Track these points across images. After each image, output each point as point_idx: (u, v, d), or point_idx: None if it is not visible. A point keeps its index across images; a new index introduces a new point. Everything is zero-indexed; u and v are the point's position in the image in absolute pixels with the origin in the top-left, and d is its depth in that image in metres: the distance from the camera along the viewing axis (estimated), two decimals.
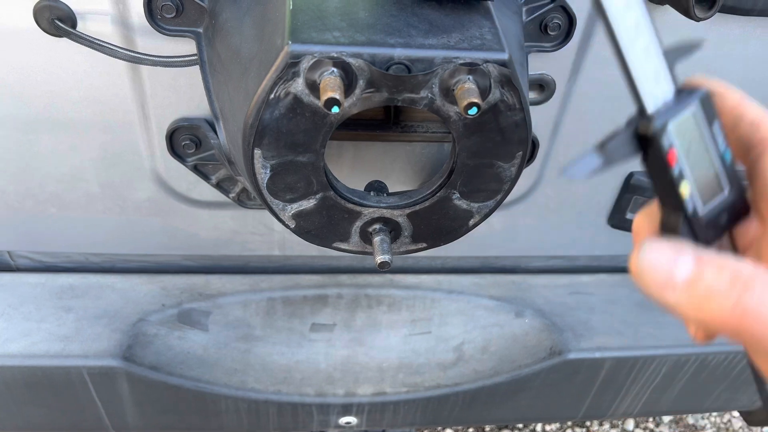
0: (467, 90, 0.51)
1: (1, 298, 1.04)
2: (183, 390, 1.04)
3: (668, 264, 0.35)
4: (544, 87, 0.87)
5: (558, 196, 1.05)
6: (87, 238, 1.04)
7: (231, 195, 0.94)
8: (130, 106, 0.85)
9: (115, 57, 0.76)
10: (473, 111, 0.50)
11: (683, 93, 0.39)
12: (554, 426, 2.16)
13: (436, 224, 0.65)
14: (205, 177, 0.91)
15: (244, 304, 1.09)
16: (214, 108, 0.71)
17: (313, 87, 0.52)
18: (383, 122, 0.84)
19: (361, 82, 0.52)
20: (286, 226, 0.63)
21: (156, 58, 0.76)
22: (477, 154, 0.58)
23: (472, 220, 0.65)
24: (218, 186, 0.93)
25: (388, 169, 0.95)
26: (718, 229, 0.41)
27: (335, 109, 0.49)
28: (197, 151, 0.88)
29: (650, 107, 0.38)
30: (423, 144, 0.91)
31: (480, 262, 1.18)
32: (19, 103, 0.83)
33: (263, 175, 0.57)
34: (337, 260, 1.14)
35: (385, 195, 0.64)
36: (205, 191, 0.95)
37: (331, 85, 0.49)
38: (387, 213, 0.63)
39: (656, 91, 0.38)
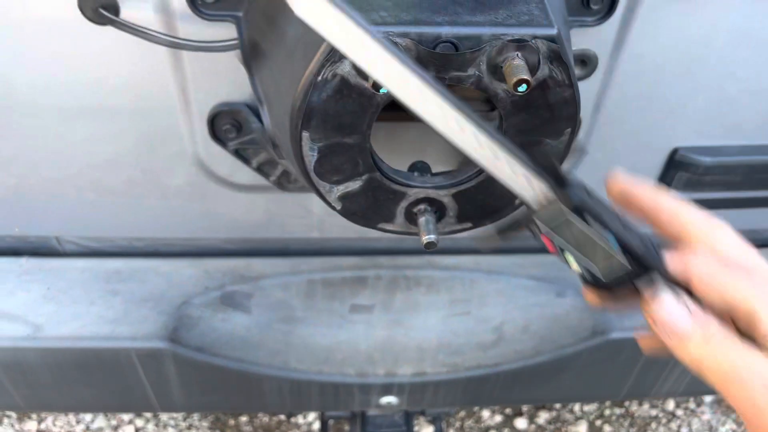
0: (516, 67, 0.50)
1: (50, 283, 1.07)
2: (227, 370, 1.06)
3: (674, 316, 0.46)
4: (586, 62, 0.85)
5: (600, 174, 1.03)
6: (131, 223, 1.06)
7: (271, 178, 0.95)
8: (171, 91, 0.86)
9: (158, 43, 0.77)
10: (523, 88, 0.50)
11: (563, 187, 0.45)
12: (593, 406, 2.15)
13: (481, 203, 0.64)
14: (246, 161, 0.92)
15: (284, 286, 1.11)
16: (258, 92, 0.71)
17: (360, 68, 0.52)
18: None
19: None
20: (333, 207, 0.63)
21: (197, 44, 0.76)
22: (525, 131, 0.58)
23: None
24: (259, 170, 0.93)
25: (426, 149, 0.94)
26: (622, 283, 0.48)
27: (383, 90, 0.49)
28: (238, 136, 0.88)
29: (533, 204, 0.45)
30: None
31: (519, 242, 1.17)
32: (63, 92, 0.85)
33: (311, 157, 0.57)
34: (375, 242, 1.15)
35: (429, 175, 0.64)
36: (246, 175, 0.96)
37: None
38: (432, 193, 0.63)
39: (530, 193, 0.45)
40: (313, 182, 0.60)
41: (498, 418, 2.13)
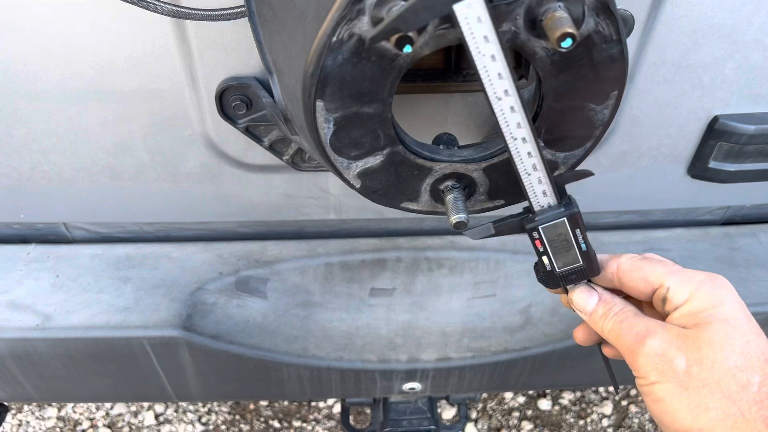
0: (559, 19, 0.44)
1: (60, 270, 1.03)
2: (244, 358, 1.02)
3: (584, 300, 0.64)
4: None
5: (632, 146, 0.96)
6: (141, 208, 1.02)
7: (285, 157, 0.90)
8: (177, 67, 0.81)
9: (160, 13, 0.71)
10: (567, 43, 0.44)
11: (564, 203, 0.59)
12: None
13: (515, 178, 0.59)
14: (258, 139, 0.87)
15: (301, 270, 1.06)
16: (267, 61, 0.65)
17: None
18: (443, 71, 0.78)
19: None
20: (351, 186, 0.58)
21: (202, 12, 0.71)
22: (565, 95, 0.51)
23: (556, 171, 0.58)
24: (271, 148, 0.88)
25: (449, 123, 0.88)
26: (570, 281, 0.64)
27: (407, 49, 0.43)
28: (248, 112, 0.83)
29: (536, 209, 0.59)
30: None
31: None
32: (65, 72, 0.80)
33: (326, 130, 0.52)
34: (394, 223, 1.10)
35: (457, 148, 0.58)
36: (258, 154, 0.91)
37: None
38: (461, 168, 0.58)
39: (542, 202, 0.58)
40: (329, 158, 0.54)
41: (521, 399, 2.09)
